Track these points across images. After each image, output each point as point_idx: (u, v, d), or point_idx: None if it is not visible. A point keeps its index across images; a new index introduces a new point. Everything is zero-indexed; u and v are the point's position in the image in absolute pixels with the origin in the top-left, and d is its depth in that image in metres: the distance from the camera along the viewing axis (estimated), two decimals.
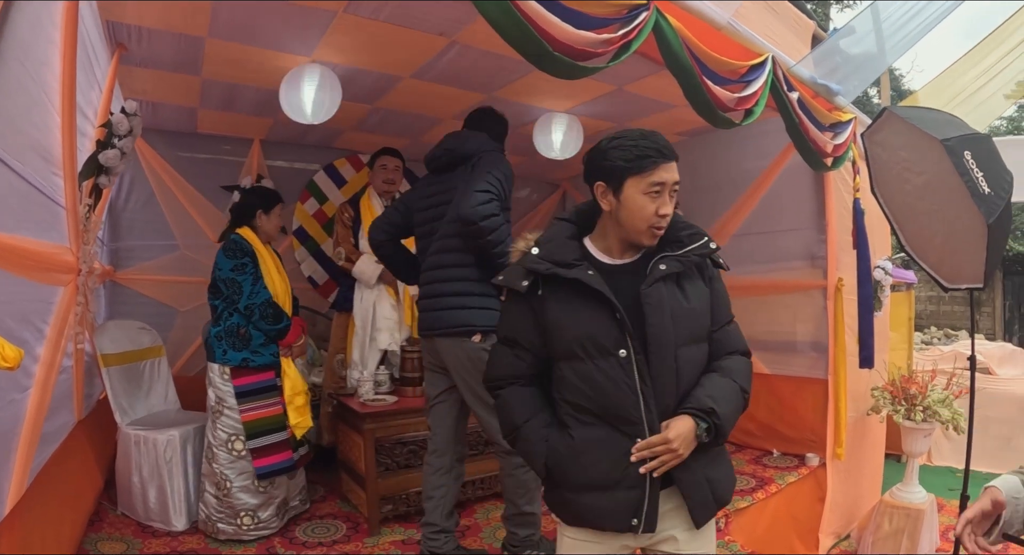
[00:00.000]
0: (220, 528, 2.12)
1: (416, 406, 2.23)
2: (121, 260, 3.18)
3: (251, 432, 2.11)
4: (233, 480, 2.10)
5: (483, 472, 2.36)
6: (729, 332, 1.25)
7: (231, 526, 2.11)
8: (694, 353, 1.18)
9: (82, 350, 2.25)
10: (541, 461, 1.16)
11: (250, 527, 2.12)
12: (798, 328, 3.20)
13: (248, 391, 2.13)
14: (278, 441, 2.16)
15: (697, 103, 1.96)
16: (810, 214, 3.16)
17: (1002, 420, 4.19)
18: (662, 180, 1.15)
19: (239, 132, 3.38)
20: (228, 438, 2.12)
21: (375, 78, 2.56)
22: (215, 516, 2.13)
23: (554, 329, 1.16)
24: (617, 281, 1.14)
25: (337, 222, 2.73)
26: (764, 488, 2.68)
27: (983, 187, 2.17)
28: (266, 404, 2.15)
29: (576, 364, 1.14)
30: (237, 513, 2.11)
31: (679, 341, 1.14)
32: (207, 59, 2.37)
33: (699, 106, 1.97)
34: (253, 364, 2.14)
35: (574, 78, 1.63)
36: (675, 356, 1.13)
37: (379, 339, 2.59)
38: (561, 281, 1.14)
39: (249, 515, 2.12)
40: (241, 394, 2.13)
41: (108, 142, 2.21)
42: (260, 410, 2.14)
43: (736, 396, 1.17)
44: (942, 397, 2.90)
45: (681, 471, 1.11)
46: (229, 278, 2.16)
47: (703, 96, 1.93)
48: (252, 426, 2.11)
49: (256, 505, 2.13)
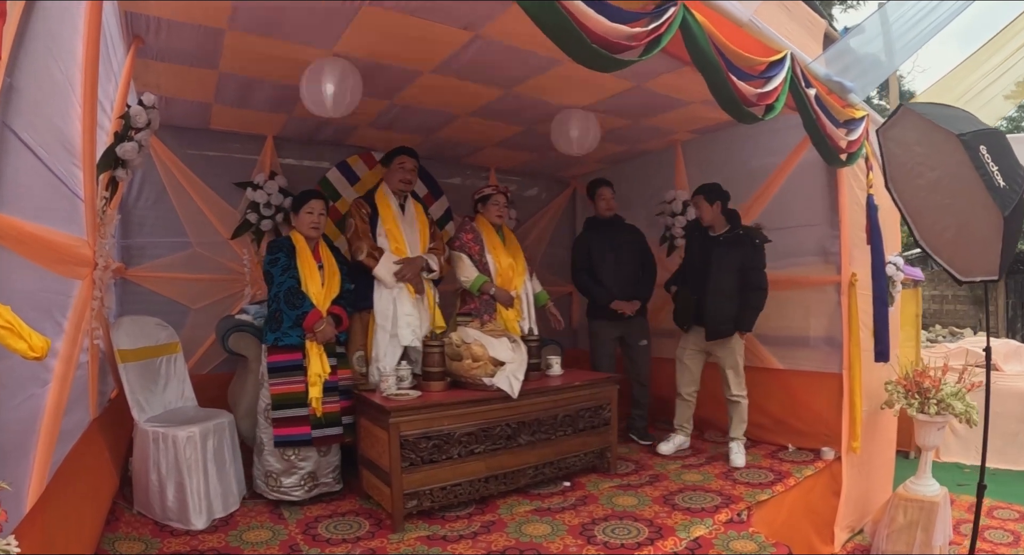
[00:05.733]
0: (257, 483, 2.44)
1: (440, 400, 2.22)
2: (132, 257, 3.15)
3: (276, 404, 2.35)
4: (265, 443, 2.40)
5: (505, 467, 2.35)
6: None
7: (263, 482, 2.41)
8: None
9: (97, 346, 2.23)
10: None
11: (274, 488, 2.38)
12: (811, 323, 3.21)
13: (276, 368, 2.38)
14: (297, 416, 2.35)
15: (723, 98, 1.97)
16: (823, 210, 3.18)
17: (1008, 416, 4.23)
18: None
19: (252, 129, 3.36)
20: (265, 407, 2.41)
21: (396, 73, 2.55)
22: (255, 472, 2.45)
23: None
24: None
25: (354, 217, 2.70)
26: (783, 481, 2.69)
27: (998, 180, 2.20)
28: (290, 381, 2.36)
29: None
30: (265, 473, 2.40)
31: None
32: (226, 52, 2.36)
33: (725, 101, 1.98)
34: (282, 343, 2.36)
35: (608, 71, 1.64)
36: None
37: (401, 335, 2.59)
38: None
39: (273, 477, 2.38)
40: (272, 370, 2.38)
41: (125, 134, 2.19)
42: (284, 385, 2.36)
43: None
44: (955, 390, 2.92)
45: None
46: (266, 271, 2.44)
47: (729, 91, 1.94)
48: (277, 399, 2.36)
49: (280, 470, 2.37)
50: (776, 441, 3.29)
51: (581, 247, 3.38)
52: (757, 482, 2.67)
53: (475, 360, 2.35)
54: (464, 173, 4.33)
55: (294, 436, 2.33)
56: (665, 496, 2.48)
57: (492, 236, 2.99)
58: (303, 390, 2.35)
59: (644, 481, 2.68)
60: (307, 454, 2.39)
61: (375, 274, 2.63)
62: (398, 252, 2.70)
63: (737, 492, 2.54)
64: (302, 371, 2.36)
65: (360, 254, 2.63)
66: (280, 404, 2.34)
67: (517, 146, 3.85)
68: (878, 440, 3.36)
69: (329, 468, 2.48)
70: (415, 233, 2.79)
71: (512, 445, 2.36)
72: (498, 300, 2.89)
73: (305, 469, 2.39)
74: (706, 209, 3.08)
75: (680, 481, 2.69)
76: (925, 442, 2.97)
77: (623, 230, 3.40)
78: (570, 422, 2.57)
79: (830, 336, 3.14)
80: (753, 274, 2.97)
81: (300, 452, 2.37)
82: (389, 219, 2.72)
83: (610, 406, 2.73)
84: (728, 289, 2.97)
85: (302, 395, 2.34)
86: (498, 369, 2.37)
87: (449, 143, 3.72)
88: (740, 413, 3.04)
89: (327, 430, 2.39)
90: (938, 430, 2.94)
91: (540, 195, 4.76)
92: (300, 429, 2.34)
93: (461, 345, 2.42)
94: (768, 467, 2.90)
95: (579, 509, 2.32)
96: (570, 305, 4.81)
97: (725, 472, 2.83)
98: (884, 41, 3.00)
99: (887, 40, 2.99)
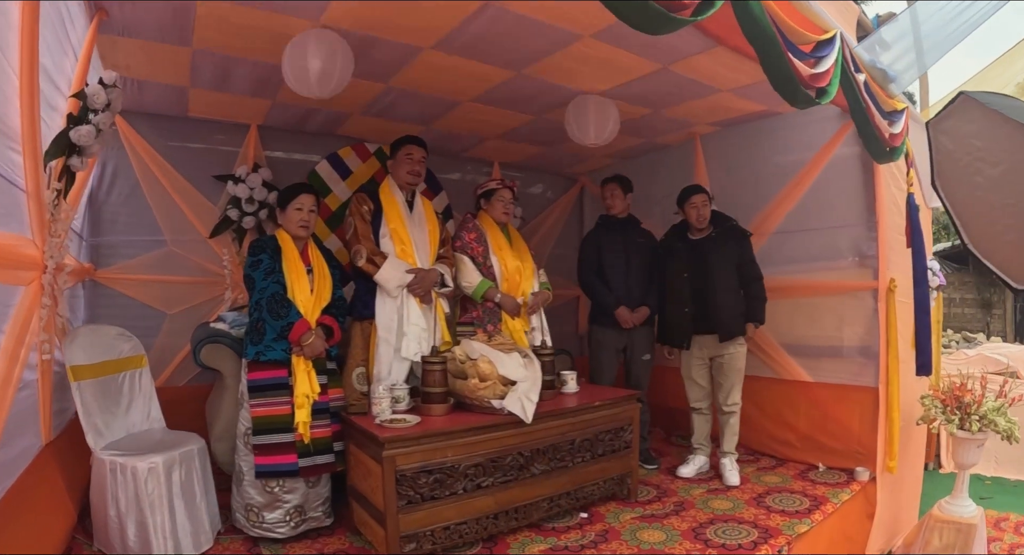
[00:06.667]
0: (236, 517, 2.14)
1: (443, 428, 1.93)
2: (102, 257, 2.83)
3: (257, 428, 2.06)
4: (245, 473, 2.11)
5: (516, 501, 2.07)
6: None
7: (243, 517, 2.12)
8: None
9: (49, 361, 1.93)
10: None
11: (255, 523, 2.10)
12: (845, 332, 2.96)
13: (257, 386, 2.09)
14: (281, 442, 2.05)
15: (778, 77, 1.70)
16: (858, 210, 2.93)
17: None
18: None
19: (234, 116, 3.05)
20: (245, 431, 2.13)
21: (391, 49, 2.25)
22: (234, 504, 2.15)
23: None
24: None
25: (353, 215, 2.38)
26: (820, 508, 2.44)
27: None
28: (273, 402, 2.07)
29: None
30: (246, 506, 2.11)
31: None
32: (199, 24, 2.05)
33: (779, 80, 1.71)
34: (264, 358, 2.08)
35: (659, 33, 1.37)
36: None
37: (404, 347, 2.26)
38: None
39: (254, 511, 2.10)
40: (252, 388, 2.09)
41: (82, 117, 1.89)
42: (267, 407, 2.07)
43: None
44: (997, 405, 2.71)
45: None
46: (246, 274, 2.15)
47: (786, 69, 1.67)
48: (259, 422, 2.06)
49: (262, 504, 2.08)
50: (804, 459, 3.04)
51: (591, 245, 3.10)
52: (793, 510, 2.42)
53: (483, 379, 2.07)
54: (465, 168, 4.04)
55: (278, 466, 2.03)
56: (695, 529, 2.22)
57: (497, 235, 2.70)
58: (288, 413, 2.05)
59: (669, 510, 2.41)
60: (293, 486, 2.08)
61: (377, 280, 2.31)
62: (404, 256, 2.38)
63: (773, 523, 2.28)
64: (287, 391, 2.07)
65: (359, 259, 2.31)
66: (262, 429, 2.04)
67: (523, 138, 3.57)
68: (909, 456, 3.13)
69: (318, 500, 2.17)
70: (424, 234, 2.47)
71: (524, 476, 2.08)
72: (503, 309, 2.61)
73: (291, 503, 2.09)
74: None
75: (709, 510, 2.43)
76: (965, 460, 2.75)
77: (637, 233, 3.12)
78: (588, 447, 2.29)
79: (865, 346, 2.89)
80: (751, 267, 2.88)
81: (285, 484, 2.07)
82: (395, 217, 2.40)
83: (631, 427, 2.45)
84: (734, 285, 2.83)
85: (287, 418, 2.04)
86: (508, 389, 2.09)
87: (450, 134, 3.43)
88: (734, 425, 2.85)
89: (316, 458, 2.09)
90: (978, 447, 2.73)
91: (546, 193, 4.47)
92: (285, 458, 2.03)
93: (466, 361, 2.14)
94: (801, 491, 2.65)
95: (600, 547, 2.05)
96: (576, 310, 4.53)
97: (755, 498, 2.57)
98: (921, 34, 2.78)
99: (927, 31, 2.77)
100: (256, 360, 2.08)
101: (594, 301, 3.09)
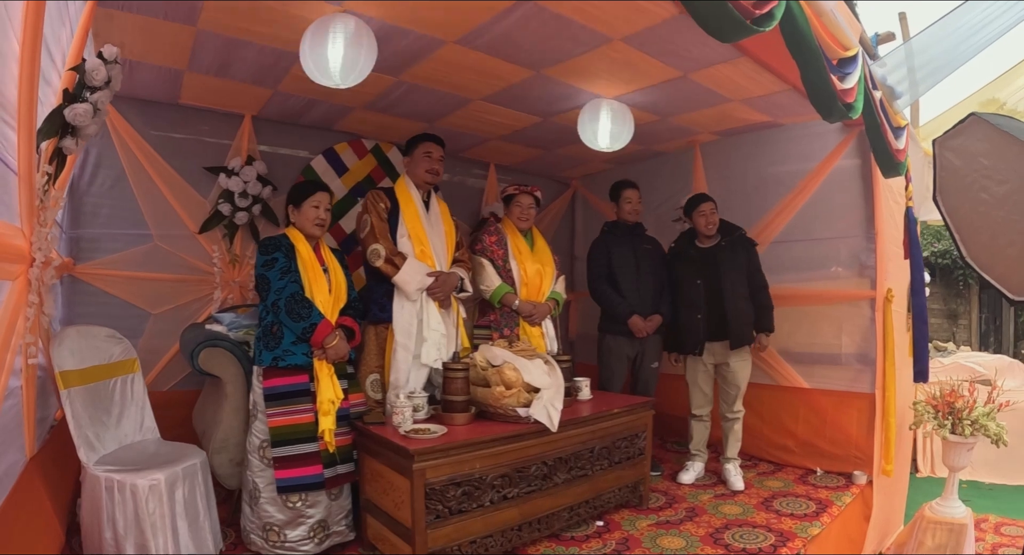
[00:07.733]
0: (252, 539, 1.98)
1: (469, 438, 1.85)
2: (82, 251, 2.62)
3: (276, 439, 1.92)
4: (262, 489, 1.95)
5: (539, 511, 2.02)
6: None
7: (260, 538, 1.96)
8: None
9: (35, 366, 1.74)
10: None
11: (276, 544, 1.94)
12: (843, 340, 3.03)
13: (276, 394, 1.93)
14: (305, 453, 1.92)
15: (818, 90, 1.71)
16: (858, 222, 3.00)
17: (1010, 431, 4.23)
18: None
19: (229, 106, 2.87)
20: (260, 444, 1.98)
21: (413, 40, 2.15)
22: (248, 526, 2.00)
23: None
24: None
25: (370, 212, 2.26)
26: (827, 511, 2.50)
27: None
28: (294, 410, 1.93)
29: None
30: (264, 526, 1.96)
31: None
32: (208, 4, 1.91)
33: (818, 94, 1.73)
34: (283, 364, 1.94)
35: (727, 39, 1.35)
36: None
37: (425, 353, 2.16)
38: None
39: (275, 531, 1.95)
40: (269, 397, 1.93)
41: (78, 94, 1.72)
42: (287, 416, 1.92)
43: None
44: (987, 411, 2.84)
45: None
46: (259, 275, 2.01)
47: (826, 83, 1.68)
48: (277, 433, 1.92)
49: (283, 521, 1.94)
50: (803, 464, 3.11)
51: (600, 252, 3.05)
52: (802, 513, 2.46)
53: (508, 386, 2.00)
54: (457, 168, 3.90)
55: (303, 479, 1.89)
56: (712, 534, 2.22)
57: (518, 240, 2.65)
58: (311, 421, 1.92)
59: (682, 516, 2.40)
60: (316, 499, 1.95)
61: (395, 282, 2.20)
62: (423, 257, 2.28)
63: (786, 526, 2.31)
64: (309, 397, 1.94)
65: (377, 259, 2.19)
66: (282, 439, 1.90)
67: (524, 140, 3.51)
68: (899, 460, 3.24)
69: (341, 513, 2.04)
70: (440, 236, 2.38)
71: (547, 485, 2.02)
72: (521, 314, 2.55)
73: (314, 517, 1.95)
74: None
75: (720, 515, 2.44)
76: (955, 463, 2.87)
77: (644, 240, 3.11)
78: (606, 454, 2.26)
79: (862, 354, 2.97)
80: (758, 275, 2.92)
81: (308, 497, 1.94)
82: (412, 217, 2.30)
83: (645, 434, 2.44)
84: (745, 293, 2.87)
85: (311, 427, 1.92)
86: (533, 397, 2.03)
87: (450, 133, 3.32)
88: (737, 431, 2.89)
89: (339, 468, 1.98)
90: (968, 451, 2.86)
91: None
92: (310, 469, 1.90)
93: (488, 368, 2.07)
94: (805, 495, 2.70)
95: None
96: (567, 314, 4.51)
97: (762, 502, 2.60)
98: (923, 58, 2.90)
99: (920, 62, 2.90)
100: (274, 366, 1.94)
101: (606, 310, 3.04)
